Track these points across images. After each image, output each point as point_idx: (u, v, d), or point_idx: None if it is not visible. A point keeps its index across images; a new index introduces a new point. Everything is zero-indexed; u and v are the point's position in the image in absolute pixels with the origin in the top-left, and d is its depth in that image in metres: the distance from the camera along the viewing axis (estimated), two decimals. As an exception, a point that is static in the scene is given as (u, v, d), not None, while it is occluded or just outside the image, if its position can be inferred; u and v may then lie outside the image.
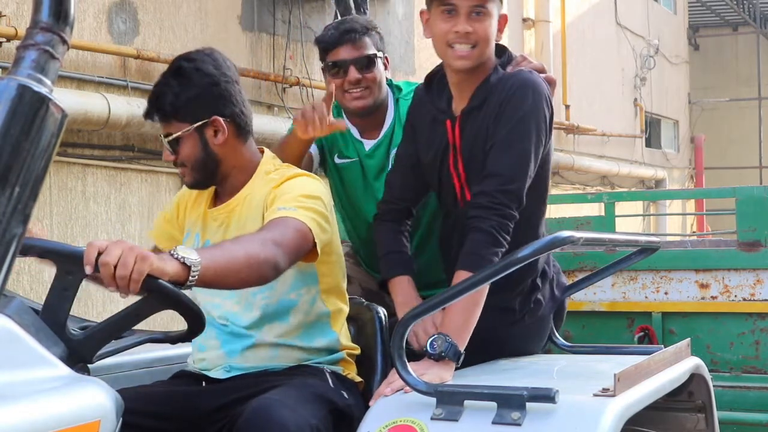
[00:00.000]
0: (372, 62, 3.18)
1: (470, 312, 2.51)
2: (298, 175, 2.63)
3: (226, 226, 2.64)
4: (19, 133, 1.68)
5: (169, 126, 2.60)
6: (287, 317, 2.60)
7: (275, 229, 2.37)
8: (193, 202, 2.78)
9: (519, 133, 2.63)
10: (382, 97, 3.24)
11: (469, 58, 2.68)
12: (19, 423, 1.63)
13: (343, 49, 3.17)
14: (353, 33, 3.17)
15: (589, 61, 14.86)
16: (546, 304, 2.87)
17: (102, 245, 1.94)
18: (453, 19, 2.66)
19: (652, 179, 16.94)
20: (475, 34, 2.66)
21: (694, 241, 5.63)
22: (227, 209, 2.65)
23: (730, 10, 21.13)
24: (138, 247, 1.95)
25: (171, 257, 2.02)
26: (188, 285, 2.05)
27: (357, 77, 3.16)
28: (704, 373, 2.87)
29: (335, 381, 2.58)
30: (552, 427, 2.09)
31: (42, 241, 2.08)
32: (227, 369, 2.60)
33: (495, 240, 2.56)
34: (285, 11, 8.20)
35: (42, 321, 1.98)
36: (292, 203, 2.48)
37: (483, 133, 2.70)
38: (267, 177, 2.64)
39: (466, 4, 2.65)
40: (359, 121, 3.29)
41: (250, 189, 2.64)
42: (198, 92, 2.57)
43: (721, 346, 4.21)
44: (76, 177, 6.41)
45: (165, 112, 2.58)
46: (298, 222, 2.42)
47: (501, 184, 2.59)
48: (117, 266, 1.91)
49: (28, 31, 1.77)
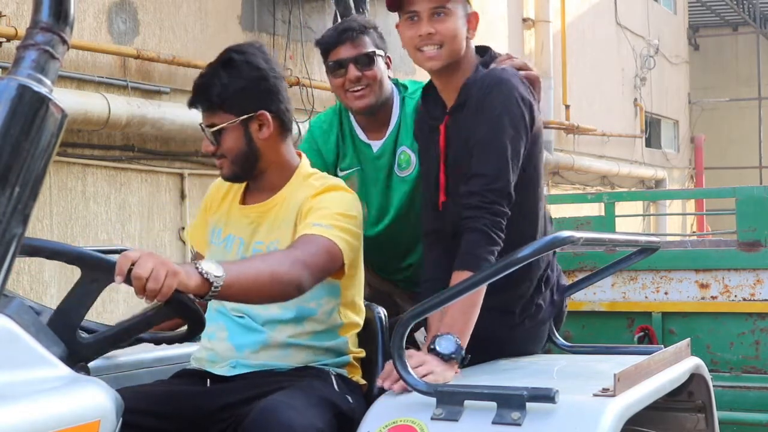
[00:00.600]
0: (371, 60, 3.18)
1: (470, 313, 2.52)
2: (337, 188, 2.64)
3: (257, 225, 2.64)
4: (19, 133, 1.68)
5: (213, 117, 2.59)
6: (302, 322, 2.61)
7: (306, 247, 2.40)
8: (221, 199, 2.78)
9: (494, 131, 2.65)
10: (385, 95, 3.24)
11: (437, 58, 2.72)
12: (19, 423, 1.63)
13: (343, 48, 3.18)
14: (351, 31, 3.18)
15: (589, 61, 14.87)
16: (546, 308, 2.88)
17: (135, 257, 1.98)
18: (416, 25, 2.72)
19: (652, 179, 16.95)
20: (438, 35, 2.71)
21: (694, 241, 5.63)
22: (263, 209, 2.65)
23: (730, 10, 21.13)
24: (169, 262, 2.00)
25: (195, 271, 2.07)
26: (208, 298, 2.10)
27: (357, 75, 3.16)
28: (704, 373, 2.87)
29: (340, 384, 2.58)
30: (552, 427, 2.09)
31: (73, 248, 2.10)
32: (233, 365, 2.58)
33: (489, 238, 2.57)
34: (285, 11, 8.20)
35: (41, 321, 1.98)
36: (328, 220, 2.49)
37: (464, 133, 2.73)
38: (306, 182, 2.65)
39: (426, 7, 2.70)
40: (365, 120, 3.30)
41: (289, 191, 2.64)
42: (247, 85, 2.57)
43: (721, 346, 4.21)
44: (76, 177, 6.41)
45: (211, 102, 2.57)
46: (331, 243, 2.45)
47: (487, 183, 2.62)
48: (149, 279, 1.96)
49: (28, 31, 1.77)
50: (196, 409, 2.49)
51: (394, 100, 3.29)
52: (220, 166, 2.65)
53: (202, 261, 2.10)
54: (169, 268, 1.99)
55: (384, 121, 3.28)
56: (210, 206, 2.82)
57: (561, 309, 2.98)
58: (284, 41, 8.17)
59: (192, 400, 2.52)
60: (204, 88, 2.59)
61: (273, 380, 2.52)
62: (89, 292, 2.02)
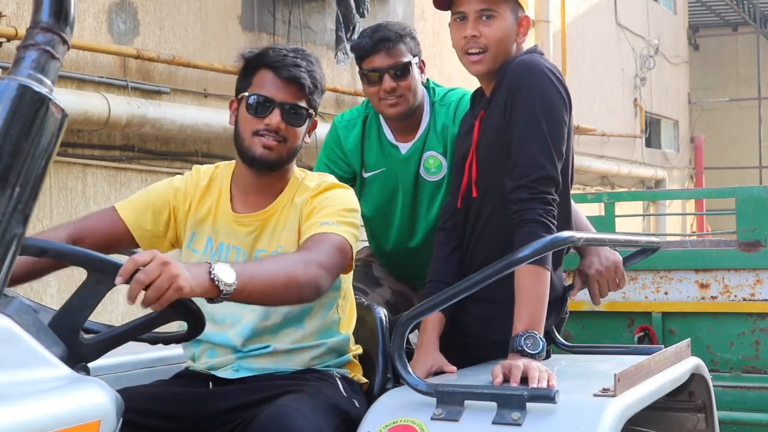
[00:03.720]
0: (407, 70, 3.17)
1: (540, 305, 2.51)
2: (335, 186, 2.61)
3: (259, 233, 2.58)
4: (19, 133, 1.68)
5: None
6: (303, 323, 2.58)
7: (319, 248, 2.36)
8: (199, 200, 2.66)
9: (529, 118, 2.62)
10: (417, 102, 3.23)
11: (481, 62, 2.72)
12: (19, 423, 1.63)
13: (378, 57, 3.17)
14: (387, 42, 3.16)
15: (589, 61, 14.87)
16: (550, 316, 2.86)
17: (145, 260, 1.94)
18: (463, 26, 2.72)
19: (652, 179, 16.95)
20: (483, 38, 2.69)
21: (694, 241, 5.62)
22: (263, 216, 2.58)
23: (730, 10, 21.14)
24: (178, 273, 1.94)
25: (207, 276, 2.02)
26: (218, 301, 2.07)
27: (392, 85, 3.15)
28: (704, 373, 2.87)
29: (346, 387, 2.56)
30: (552, 427, 2.09)
31: (78, 250, 2.09)
32: (236, 368, 2.56)
33: (546, 227, 2.55)
34: (285, 11, 8.20)
35: (41, 321, 1.98)
36: (335, 218, 2.47)
37: (496, 125, 2.70)
38: (302, 184, 2.61)
39: (473, 9, 2.69)
40: (395, 123, 3.29)
41: (288, 196, 2.60)
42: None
43: (721, 346, 4.20)
44: (76, 177, 6.42)
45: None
46: (342, 239, 2.42)
47: (531, 172, 2.58)
48: (150, 287, 1.92)
49: (29, 31, 1.77)
50: (200, 411, 2.48)
51: (425, 105, 3.28)
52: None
53: (217, 264, 2.06)
54: (175, 282, 1.93)
55: (414, 126, 3.27)
56: (188, 202, 2.65)
57: (562, 308, 2.97)
58: (284, 41, 8.16)
59: (195, 401, 2.50)
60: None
61: (278, 383, 2.49)
62: (94, 294, 2.01)
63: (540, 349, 2.41)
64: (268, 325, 2.55)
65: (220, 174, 2.68)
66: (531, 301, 2.49)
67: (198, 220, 2.64)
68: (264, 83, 2.54)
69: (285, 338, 2.57)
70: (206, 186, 2.66)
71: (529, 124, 2.61)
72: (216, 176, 2.68)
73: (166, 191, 2.68)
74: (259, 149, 2.51)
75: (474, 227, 2.82)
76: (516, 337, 2.44)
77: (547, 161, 2.59)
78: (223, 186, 2.65)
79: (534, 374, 2.28)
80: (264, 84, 2.54)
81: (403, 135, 3.30)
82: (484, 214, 2.78)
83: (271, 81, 2.53)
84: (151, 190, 2.71)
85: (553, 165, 2.60)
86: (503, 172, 2.66)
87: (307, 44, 8.40)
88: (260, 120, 2.52)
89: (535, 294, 2.49)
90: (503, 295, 2.56)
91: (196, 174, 2.70)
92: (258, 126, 2.52)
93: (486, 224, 2.78)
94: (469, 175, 2.79)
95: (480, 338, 2.76)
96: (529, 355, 2.39)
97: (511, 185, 2.62)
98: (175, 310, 2.03)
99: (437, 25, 10.35)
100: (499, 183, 2.68)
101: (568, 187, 2.77)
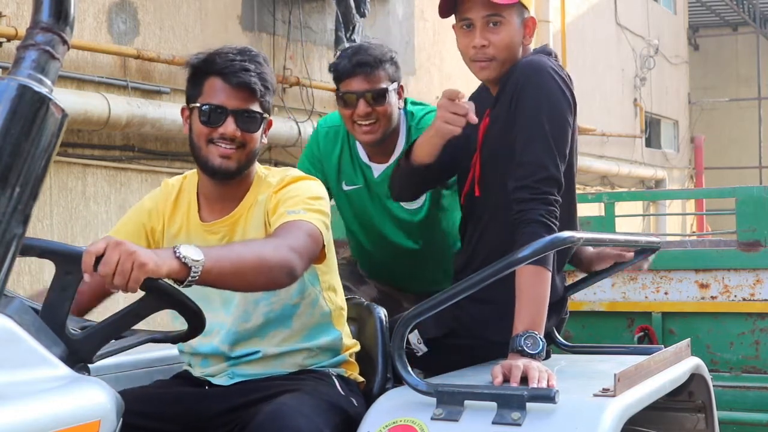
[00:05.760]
0: (383, 96, 3.11)
1: (540, 306, 2.50)
2: (299, 178, 2.57)
3: (229, 238, 2.55)
4: (19, 133, 1.68)
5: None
6: (290, 322, 2.57)
7: (288, 233, 2.32)
8: (170, 215, 2.64)
9: (533, 118, 2.61)
10: (392, 127, 3.17)
11: (489, 69, 2.72)
12: (19, 423, 1.63)
13: (356, 81, 3.11)
14: (366, 66, 3.10)
15: (589, 61, 14.87)
16: (551, 318, 2.86)
17: (99, 249, 1.90)
18: (471, 34, 2.70)
19: (652, 179, 16.95)
20: (492, 47, 2.69)
21: (694, 241, 5.62)
22: (231, 221, 2.56)
23: (730, 10, 21.13)
24: (137, 252, 1.91)
25: (173, 255, 1.98)
26: (188, 284, 2.02)
27: (367, 110, 3.10)
28: (704, 373, 2.87)
29: (343, 386, 2.56)
30: (552, 427, 2.09)
31: (41, 241, 2.07)
32: (230, 375, 2.56)
33: (547, 227, 2.53)
34: (285, 11, 8.20)
35: (42, 321, 1.97)
36: (300, 206, 2.43)
37: (501, 125, 2.70)
38: (265, 181, 2.58)
39: (480, 15, 2.67)
40: (369, 146, 3.24)
41: (252, 196, 2.57)
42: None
43: (721, 346, 4.20)
44: (76, 177, 6.42)
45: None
46: (310, 225, 2.38)
47: (534, 173, 2.57)
48: (115, 274, 1.89)
49: (29, 31, 1.77)
50: (199, 412, 2.48)
51: (401, 129, 3.23)
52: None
53: (182, 245, 2.02)
54: (136, 259, 1.89)
55: (389, 149, 3.22)
56: (162, 215, 2.64)
57: (562, 308, 2.97)
58: (284, 41, 8.17)
59: (194, 402, 2.51)
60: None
61: (274, 384, 2.49)
62: (67, 285, 1.99)
63: (540, 349, 2.41)
64: (250, 327, 2.54)
65: (188, 185, 2.66)
66: (531, 301, 2.48)
67: (172, 236, 2.62)
68: (214, 91, 2.49)
69: (273, 339, 2.55)
70: (174, 200, 2.64)
71: (533, 124, 2.60)
72: (183, 188, 2.65)
73: (139, 215, 2.67)
74: (217, 159, 2.48)
75: (476, 226, 2.82)
76: (516, 337, 2.43)
77: (550, 162, 2.59)
78: (191, 197, 2.63)
79: (534, 374, 2.28)
80: (214, 92, 2.49)
81: (378, 156, 3.25)
82: (487, 213, 2.78)
83: (221, 88, 2.48)
84: (127, 219, 2.70)
85: (556, 166, 2.60)
86: (506, 171, 2.66)
87: (307, 44, 8.41)
88: (214, 129, 2.48)
89: (536, 294, 2.48)
90: (503, 296, 2.56)
91: (165, 188, 2.68)
92: (213, 135, 2.48)
93: (488, 224, 2.78)
94: (473, 173, 2.79)
95: (480, 338, 2.76)
96: (529, 355, 2.38)
97: (513, 185, 2.61)
98: (159, 297, 2.01)
99: (437, 25, 10.35)
100: (502, 182, 2.68)
101: (571, 189, 2.77)
